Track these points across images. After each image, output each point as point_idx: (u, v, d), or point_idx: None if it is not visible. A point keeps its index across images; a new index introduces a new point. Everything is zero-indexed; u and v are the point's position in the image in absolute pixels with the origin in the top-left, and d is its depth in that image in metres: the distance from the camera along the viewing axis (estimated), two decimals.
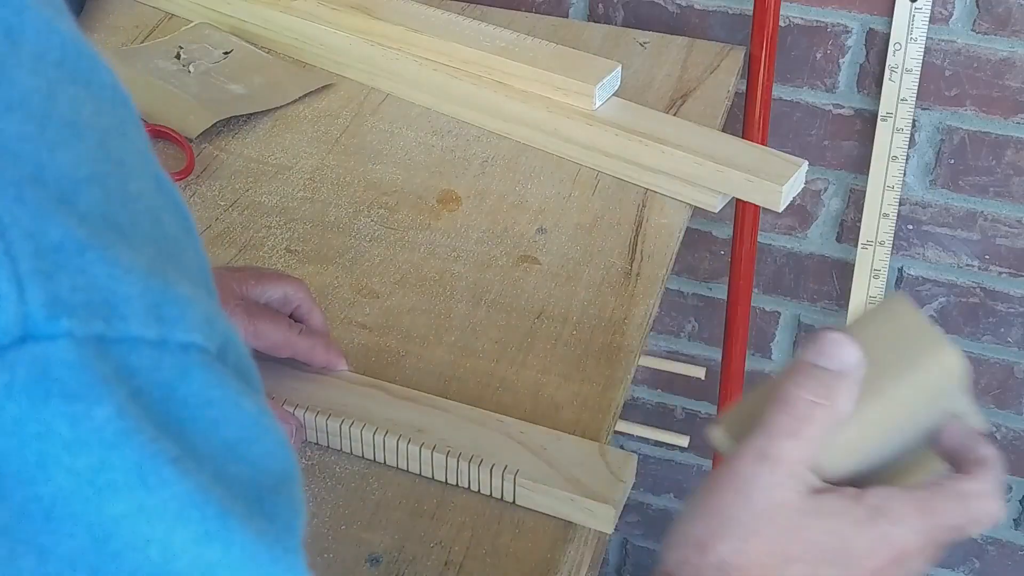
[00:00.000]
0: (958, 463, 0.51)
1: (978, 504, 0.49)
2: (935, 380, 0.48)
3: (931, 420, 0.48)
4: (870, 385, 0.46)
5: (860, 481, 0.48)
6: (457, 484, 0.70)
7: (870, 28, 1.12)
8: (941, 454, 0.50)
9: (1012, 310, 1.24)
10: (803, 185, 0.93)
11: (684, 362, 1.40)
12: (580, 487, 0.68)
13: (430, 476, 0.71)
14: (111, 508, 0.30)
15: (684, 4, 1.17)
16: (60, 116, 0.32)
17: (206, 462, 0.32)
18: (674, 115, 1.00)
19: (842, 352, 0.48)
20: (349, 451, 0.72)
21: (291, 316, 0.75)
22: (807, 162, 0.92)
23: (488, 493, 0.70)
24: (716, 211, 0.94)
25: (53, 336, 0.30)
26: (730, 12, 1.16)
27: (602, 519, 0.68)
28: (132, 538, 0.30)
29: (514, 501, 0.69)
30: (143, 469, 0.30)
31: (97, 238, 0.31)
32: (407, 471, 0.72)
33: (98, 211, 0.32)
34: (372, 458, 0.72)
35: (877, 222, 1.19)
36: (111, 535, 0.30)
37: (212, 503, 0.31)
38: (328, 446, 0.73)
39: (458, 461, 0.70)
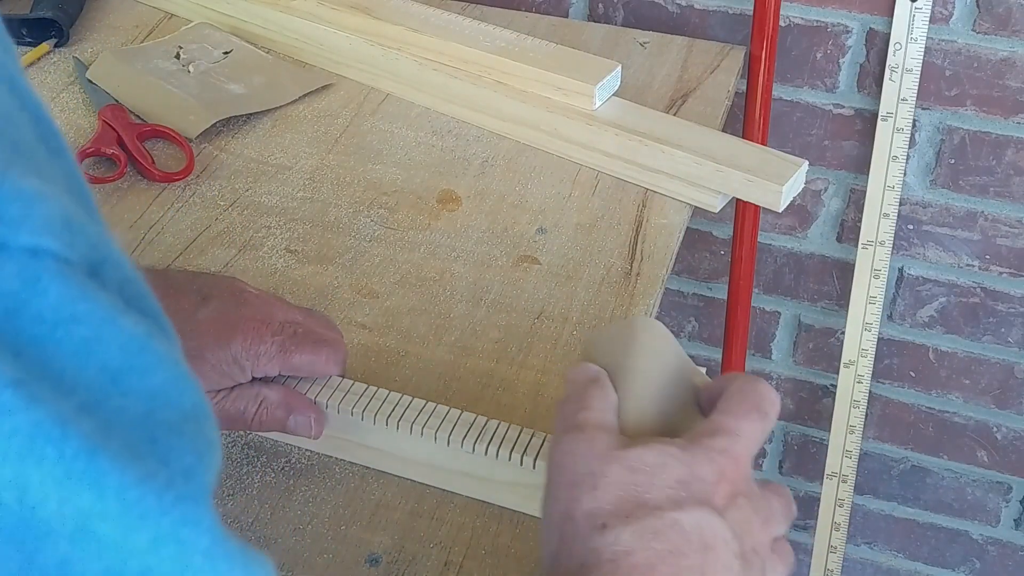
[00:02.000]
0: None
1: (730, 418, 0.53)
2: (652, 342, 0.57)
3: (676, 378, 0.57)
4: (620, 373, 0.56)
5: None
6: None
7: (870, 28, 1.12)
8: (706, 413, 0.56)
9: (1012, 310, 1.24)
10: (803, 185, 0.93)
11: None
12: None
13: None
14: None
15: (684, 4, 1.17)
16: None
17: (75, 390, 0.27)
18: (674, 115, 1.00)
19: (585, 369, 0.57)
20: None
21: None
22: (807, 162, 0.92)
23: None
24: (716, 211, 0.94)
25: None
26: (730, 12, 1.16)
27: None
28: None
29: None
30: None
31: None
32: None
33: None
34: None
35: (877, 222, 1.19)
36: None
37: (73, 438, 0.26)
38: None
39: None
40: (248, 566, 0.31)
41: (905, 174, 1.18)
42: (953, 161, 1.17)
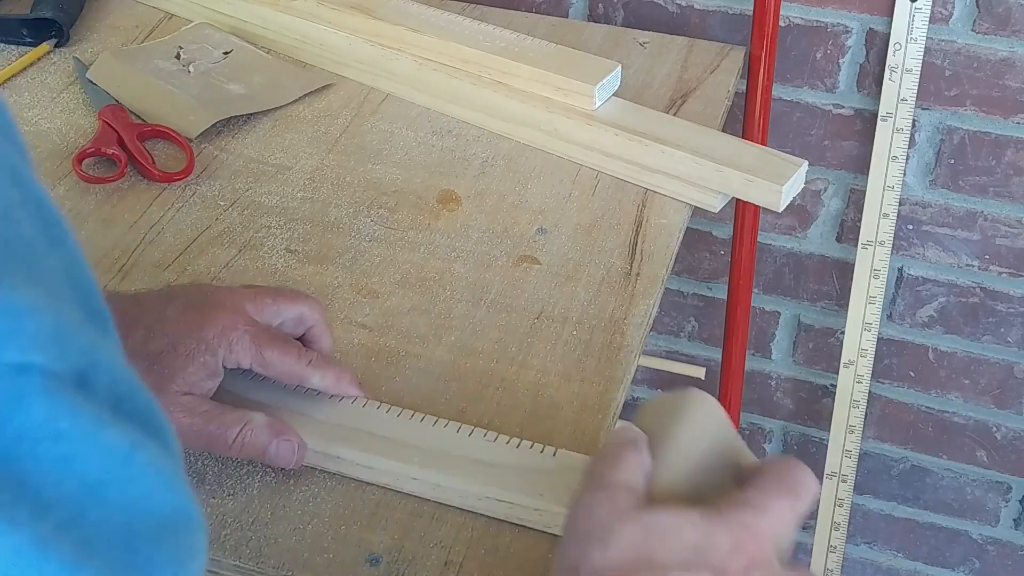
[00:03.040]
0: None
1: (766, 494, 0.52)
2: (699, 417, 0.57)
3: (718, 455, 0.56)
4: (661, 441, 0.56)
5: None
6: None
7: (870, 28, 1.12)
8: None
9: (1012, 310, 1.24)
10: (803, 185, 0.93)
11: (684, 362, 1.41)
12: None
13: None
14: None
15: (684, 4, 1.17)
16: None
17: (53, 508, 0.27)
18: (674, 115, 1.00)
19: (627, 431, 0.57)
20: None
21: (304, 336, 0.74)
22: (807, 162, 0.92)
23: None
24: (716, 211, 0.94)
25: None
26: (730, 12, 1.16)
27: None
28: None
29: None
30: None
31: None
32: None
33: None
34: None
35: (877, 222, 1.19)
36: None
37: (52, 560, 0.26)
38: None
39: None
40: None
41: (905, 174, 1.18)
42: (953, 161, 1.17)
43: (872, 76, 1.15)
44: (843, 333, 1.28)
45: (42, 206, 0.30)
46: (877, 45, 1.13)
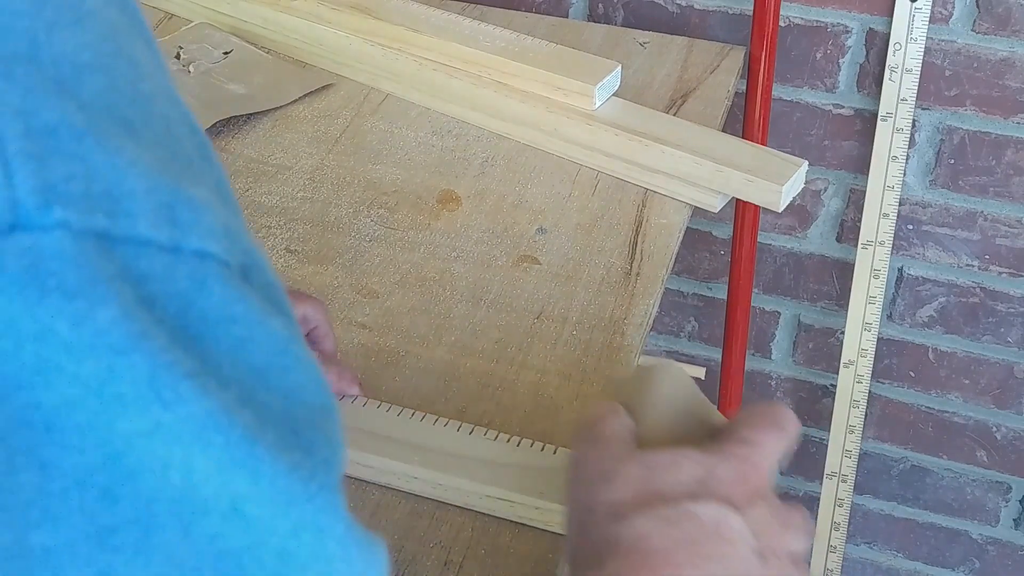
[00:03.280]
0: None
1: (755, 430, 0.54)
2: (669, 383, 0.58)
3: (692, 416, 0.58)
4: (636, 409, 0.57)
5: None
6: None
7: (870, 28, 1.12)
8: None
9: (1012, 310, 1.24)
10: (803, 185, 0.93)
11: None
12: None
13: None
14: (122, 423, 0.27)
15: (684, 4, 1.17)
16: (60, 1, 0.29)
17: (231, 384, 0.29)
18: (674, 115, 1.00)
19: (602, 406, 0.58)
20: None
21: (307, 336, 0.74)
22: (807, 162, 0.92)
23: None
24: (716, 211, 0.94)
25: (46, 226, 0.26)
26: (730, 12, 1.16)
27: None
28: (148, 459, 0.27)
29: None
30: (156, 381, 0.27)
31: (99, 126, 0.28)
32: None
33: (101, 101, 0.29)
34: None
35: (877, 222, 1.19)
36: (123, 453, 0.27)
37: (237, 427, 0.28)
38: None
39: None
40: (373, 551, 0.33)
41: (905, 174, 1.18)
42: (953, 161, 1.17)
43: (872, 76, 1.15)
44: (843, 333, 1.28)
45: (194, 127, 0.33)
46: (877, 45, 1.13)
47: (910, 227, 1.22)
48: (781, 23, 1.13)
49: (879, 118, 1.14)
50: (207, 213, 0.29)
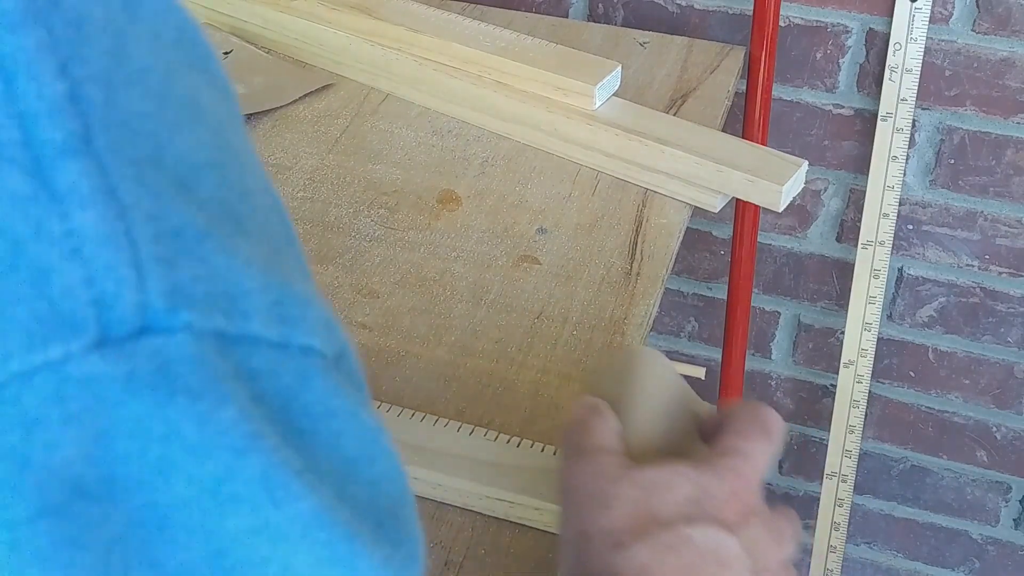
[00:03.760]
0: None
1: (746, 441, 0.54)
2: (651, 372, 0.58)
3: (677, 405, 0.58)
4: (621, 403, 0.57)
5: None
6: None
7: (870, 28, 1.12)
8: (709, 441, 0.57)
9: (1012, 310, 1.24)
10: (803, 185, 0.93)
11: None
12: None
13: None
14: (232, 522, 0.27)
15: (684, 4, 1.17)
16: (179, 97, 0.30)
17: (328, 478, 0.29)
18: (674, 115, 1.00)
19: (585, 401, 0.58)
20: None
21: None
22: (807, 162, 0.92)
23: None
24: (716, 211, 0.94)
25: (173, 329, 0.27)
26: (730, 12, 1.16)
27: None
28: (251, 556, 0.27)
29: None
30: (270, 481, 0.27)
31: (217, 227, 0.29)
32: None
33: (216, 200, 0.30)
34: None
35: (877, 222, 1.19)
36: (227, 551, 0.27)
37: (339, 524, 0.28)
38: None
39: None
40: None
41: (905, 174, 1.18)
42: (953, 161, 1.17)
43: (872, 76, 1.15)
44: (843, 333, 1.28)
45: (282, 210, 0.33)
46: (877, 45, 1.13)
47: (910, 227, 1.22)
48: (781, 23, 1.13)
49: (879, 118, 1.14)
50: (311, 308, 0.30)
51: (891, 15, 1.10)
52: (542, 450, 0.71)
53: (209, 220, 0.29)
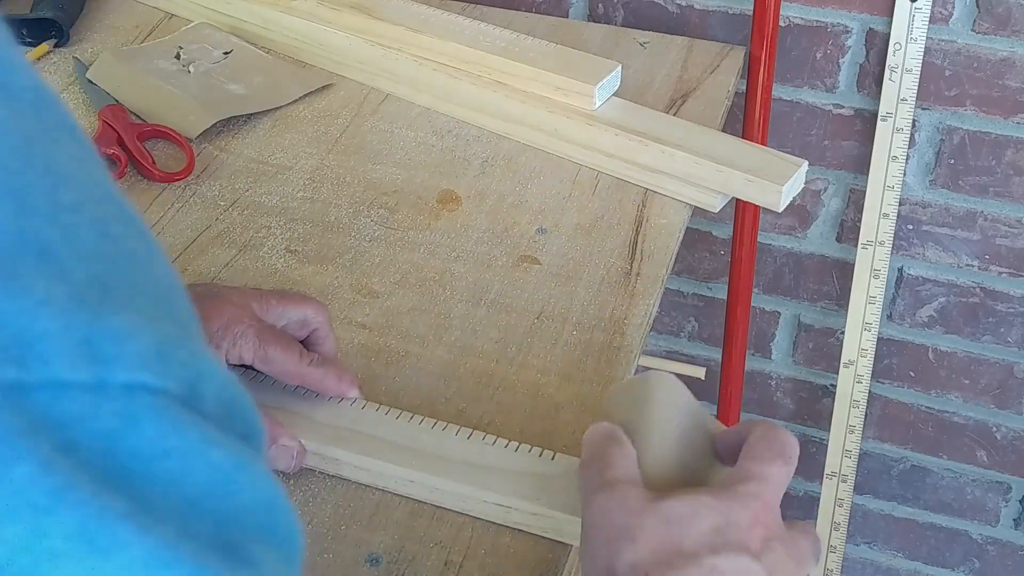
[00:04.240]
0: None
1: (764, 464, 0.54)
2: (666, 396, 0.59)
3: (692, 428, 0.58)
4: (637, 429, 0.58)
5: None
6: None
7: (870, 28, 1.12)
8: (725, 460, 0.58)
9: (1012, 310, 1.24)
10: (803, 185, 0.93)
11: (684, 362, 1.41)
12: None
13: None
14: None
15: (684, 4, 1.17)
16: None
17: (167, 517, 0.28)
18: (674, 115, 1.00)
19: (598, 428, 0.59)
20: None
21: (307, 339, 0.74)
22: (807, 162, 0.92)
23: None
24: (716, 211, 0.94)
25: None
26: (730, 12, 1.16)
27: None
28: None
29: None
30: (89, 532, 0.26)
31: (3, 267, 0.27)
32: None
33: (8, 233, 0.27)
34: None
35: (877, 222, 1.19)
36: None
37: (183, 560, 0.28)
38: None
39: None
40: None
41: (905, 174, 1.18)
42: (953, 161, 1.17)
43: (872, 76, 1.15)
44: (843, 333, 1.28)
45: (131, 216, 0.32)
46: (877, 45, 1.13)
47: (910, 227, 1.22)
48: (781, 23, 1.13)
49: (879, 118, 1.14)
50: (134, 340, 0.28)
51: (891, 15, 1.10)
52: (540, 455, 0.70)
53: None
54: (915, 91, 1.12)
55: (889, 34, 1.11)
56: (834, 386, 1.34)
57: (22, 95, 0.30)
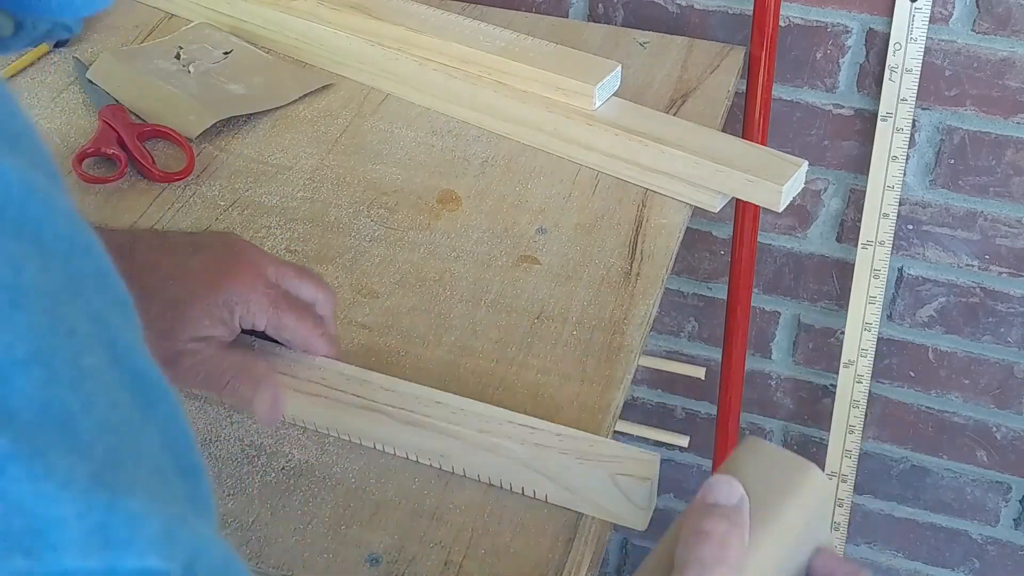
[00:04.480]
0: None
1: None
2: (809, 500, 0.54)
3: (810, 534, 0.54)
4: (763, 515, 0.52)
5: None
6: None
7: (870, 28, 1.12)
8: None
9: (1012, 310, 1.24)
10: (803, 185, 0.93)
11: (684, 362, 1.40)
12: (602, 511, 0.69)
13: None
14: None
15: (684, 4, 1.17)
16: None
17: None
18: (674, 115, 1.00)
19: (734, 489, 0.52)
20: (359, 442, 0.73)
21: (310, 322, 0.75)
22: (807, 162, 0.92)
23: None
24: (716, 211, 0.94)
25: None
26: (730, 12, 1.16)
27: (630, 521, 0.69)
28: None
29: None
30: None
31: (27, 444, 0.26)
32: (407, 467, 0.72)
33: (36, 403, 0.27)
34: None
35: (877, 222, 1.19)
36: None
37: None
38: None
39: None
40: None
41: (905, 174, 1.18)
42: (953, 161, 1.17)
43: (872, 76, 1.15)
44: (843, 333, 1.28)
45: (136, 367, 0.31)
46: (877, 45, 1.13)
47: (910, 227, 1.22)
48: (781, 23, 1.13)
49: (879, 118, 1.14)
50: (145, 523, 0.28)
51: (891, 15, 1.10)
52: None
53: (18, 435, 0.26)
54: (915, 91, 1.12)
55: (889, 34, 1.11)
56: (834, 386, 1.34)
57: (56, 246, 0.29)
